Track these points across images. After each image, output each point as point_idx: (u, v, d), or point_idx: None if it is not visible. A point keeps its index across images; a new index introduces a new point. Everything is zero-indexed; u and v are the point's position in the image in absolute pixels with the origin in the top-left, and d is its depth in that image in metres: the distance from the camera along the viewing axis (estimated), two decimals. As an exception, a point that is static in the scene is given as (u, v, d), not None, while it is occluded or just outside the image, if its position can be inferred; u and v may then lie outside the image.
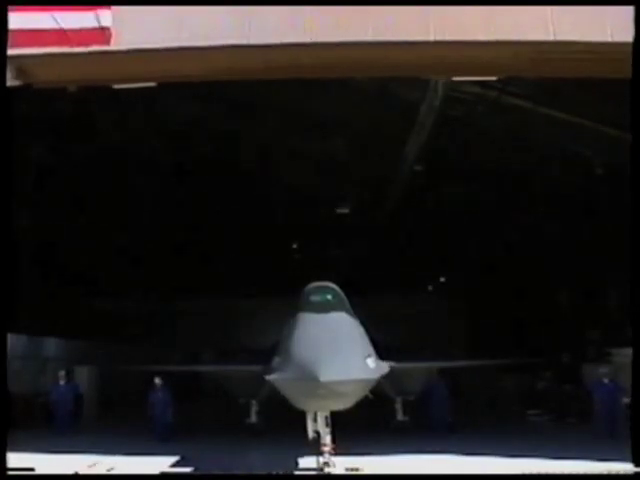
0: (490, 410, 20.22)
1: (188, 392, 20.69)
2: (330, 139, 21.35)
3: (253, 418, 15.48)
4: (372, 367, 9.57)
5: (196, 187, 24.44)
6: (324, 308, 10.29)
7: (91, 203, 22.99)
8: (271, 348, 11.41)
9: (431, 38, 9.02)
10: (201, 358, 28.68)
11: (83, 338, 23.17)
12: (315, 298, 10.86)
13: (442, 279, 35.74)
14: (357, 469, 10.14)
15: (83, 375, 20.57)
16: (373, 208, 24.62)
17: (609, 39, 9.21)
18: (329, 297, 11.00)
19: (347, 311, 10.96)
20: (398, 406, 15.35)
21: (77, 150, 19.55)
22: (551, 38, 9.19)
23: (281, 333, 10.95)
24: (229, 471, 10.01)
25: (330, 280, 11.90)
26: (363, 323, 11.30)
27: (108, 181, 21.85)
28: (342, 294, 11.52)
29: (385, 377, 11.43)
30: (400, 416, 15.34)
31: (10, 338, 17.75)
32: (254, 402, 15.34)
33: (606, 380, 14.13)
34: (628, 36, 9.13)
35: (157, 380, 15.55)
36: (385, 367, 11.24)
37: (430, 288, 37.02)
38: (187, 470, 10.73)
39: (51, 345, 21.07)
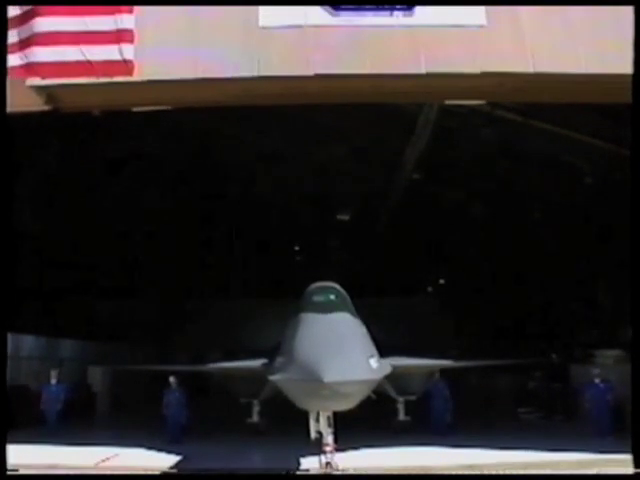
0: (485, 408, 20.86)
1: (196, 392, 20.96)
2: (331, 148, 22.26)
3: (255, 418, 15.31)
4: (375, 367, 9.51)
5: (202, 191, 25.27)
6: (327, 308, 10.25)
7: (98, 206, 23.70)
8: (273, 348, 11.50)
9: (422, 71, 10.00)
10: (207, 359, 29.16)
11: (96, 339, 24.07)
12: (318, 298, 10.83)
13: (441, 281, 36.68)
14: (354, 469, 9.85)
15: (97, 375, 21.50)
16: (373, 214, 25.45)
17: (583, 71, 10.21)
18: (332, 297, 10.95)
19: (350, 311, 10.87)
20: (400, 406, 15.25)
21: (84, 154, 20.29)
22: (531, 70, 10.18)
23: (283, 333, 10.89)
24: (230, 471, 10.04)
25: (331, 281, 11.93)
26: (365, 323, 11.26)
27: (114, 184, 22.67)
28: (345, 294, 11.47)
29: (387, 377, 11.31)
30: (402, 416, 15.24)
31: (29, 340, 18.91)
32: (256, 402, 15.18)
33: (597, 380, 14.30)
34: (600, 68, 10.19)
35: (172, 379, 15.32)
36: (387, 367, 11.11)
37: (430, 289, 37.96)
38: (188, 469, 10.67)
39: (67, 346, 21.97)
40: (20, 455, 11.28)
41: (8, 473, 7.78)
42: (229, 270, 32.27)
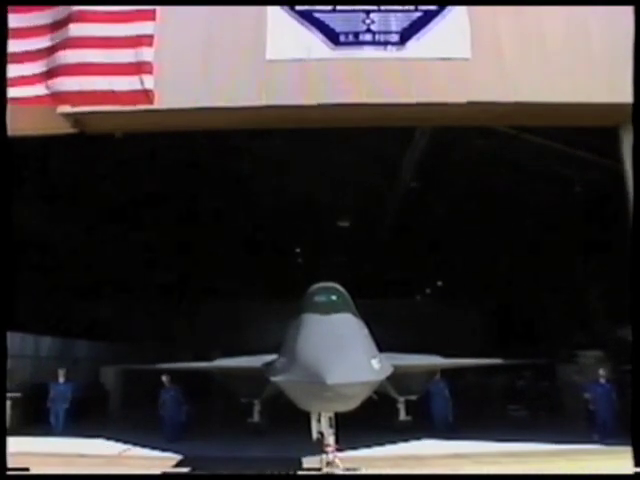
0: (478, 406, 21.71)
1: (198, 391, 20.38)
2: (332, 158, 23.26)
3: (256, 417, 15.20)
4: (377, 368, 9.51)
5: (208, 198, 26.14)
6: (329, 309, 10.21)
7: (102, 208, 24.53)
8: (275, 348, 11.50)
9: (414, 100, 11.14)
10: (209, 359, 29.74)
11: (108, 340, 25.15)
12: (320, 299, 10.76)
13: (439, 283, 37.73)
14: (355, 469, 9.97)
15: (109, 374, 22.53)
16: (372, 221, 26.43)
17: (560, 99, 11.33)
18: (334, 298, 10.90)
19: (352, 312, 10.85)
20: (400, 406, 15.18)
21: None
22: (513, 99, 11.30)
23: (285, 334, 10.88)
24: (230, 471, 10.12)
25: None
26: (367, 324, 11.29)
27: (119, 186, 23.53)
28: (346, 295, 11.45)
29: (388, 377, 11.15)
30: (403, 416, 15.16)
31: (47, 341, 19.97)
32: (256, 401, 15.06)
33: (602, 380, 14.16)
34: (576, 97, 11.31)
35: (164, 378, 15.40)
36: (389, 368, 11.03)
37: (428, 291, 39.06)
38: (189, 469, 10.67)
39: (81, 347, 23.03)
40: (46, 445, 12.59)
41: (8, 473, 7.81)
42: (234, 272, 33.22)
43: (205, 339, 31.08)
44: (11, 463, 8.08)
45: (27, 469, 8.61)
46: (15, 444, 12.13)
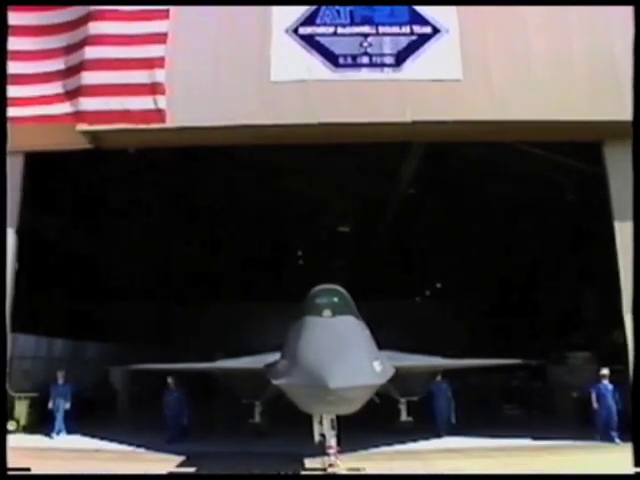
0: (475, 405, 22.33)
1: (202, 393, 20.41)
2: (332, 165, 24.00)
3: (257, 418, 14.99)
4: (379, 371, 9.49)
5: (210, 201, 26.81)
6: (330, 311, 10.16)
7: (106, 213, 25.20)
8: (276, 349, 11.53)
9: (408, 119, 11.94)
10: (212, 360, 29.94)
11: (116, 342, 25.90)
12: (321, 301, 10.65)
13: (438, 285, 38.47)
14: (359, 469, 9.97)
15: (117, 375, 23.25)
16: (371, 226, 27.16)
17: (547, 117, 12.12)
18: (335, 300, 10.81)
19: (353, 314, 10.83)
20: (402, 407, 15.04)
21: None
22: (501, 118, 12.10)
23: (287, 336, 10.84)
24: (232, 471, 10.14)
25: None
26: (368, 325, 11.27)
27: (123, 191, 24.20)
28: (348, 296, 11.40)
29: (390, 379, 10.91)
30: (404, 416, 15.00)
31: (58, 342, 20.70)
32: (257, 403, 14.89)
33: (605, 381, 13.98)
34: (557, 115, 12.11)
35: (170, 380, 15.39)
36: (391, 370, 10.88)
37: (427, 293, 39.81)
38: (191, 470, 10.59)
39: (91, 348, 23.78)
40: (66, 442, 13.31)
41: (9, 473, 7.80)
42: (237, 275, 33.96)
43: (209, 341, 31.61)
44: (28, 458, 8.70)
45: (28, 469, 8.39)
46: (34, 441, 13.21)
